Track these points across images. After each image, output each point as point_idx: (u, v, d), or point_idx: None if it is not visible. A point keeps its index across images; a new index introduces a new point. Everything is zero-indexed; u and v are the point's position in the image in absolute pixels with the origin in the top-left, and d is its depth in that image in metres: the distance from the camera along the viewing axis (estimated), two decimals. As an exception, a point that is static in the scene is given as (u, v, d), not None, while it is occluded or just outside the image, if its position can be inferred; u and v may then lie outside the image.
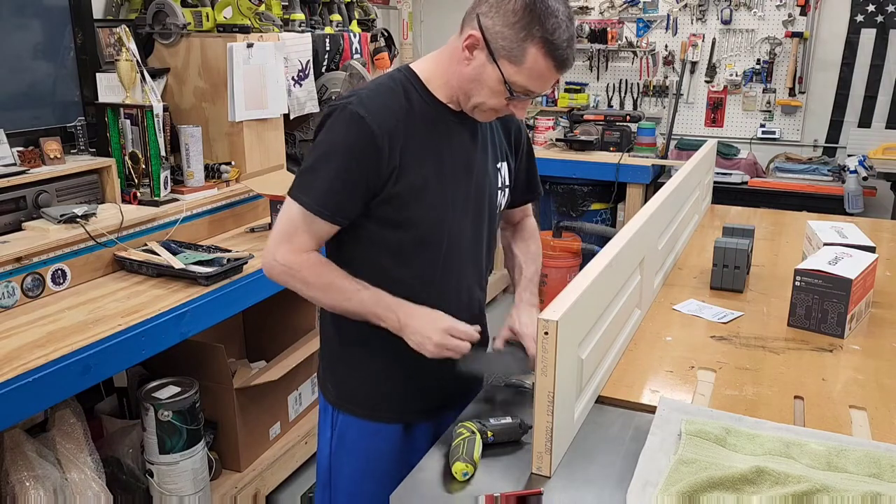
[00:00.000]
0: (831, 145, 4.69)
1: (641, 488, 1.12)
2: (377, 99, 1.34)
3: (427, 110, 1.38)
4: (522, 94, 1.31)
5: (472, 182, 1.44)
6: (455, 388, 1.52)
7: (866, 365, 1.58)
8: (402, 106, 1.35)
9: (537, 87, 1.30)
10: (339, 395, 1.55)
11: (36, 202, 2.22)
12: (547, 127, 4.87)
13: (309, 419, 2.88)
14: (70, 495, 1.90)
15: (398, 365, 1.47)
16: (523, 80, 1.28)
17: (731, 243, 2.01)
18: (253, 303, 2.31)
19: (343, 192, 1.33)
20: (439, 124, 1.39)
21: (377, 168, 1.32)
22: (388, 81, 1.39)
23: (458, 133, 1.41)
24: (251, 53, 2.70)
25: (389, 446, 1.52)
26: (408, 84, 1.38)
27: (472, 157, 1.44)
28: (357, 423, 1.52)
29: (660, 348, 1.66)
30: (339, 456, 1.55)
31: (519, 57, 1.26)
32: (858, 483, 1.10)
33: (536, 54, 1.25)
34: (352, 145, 1.30)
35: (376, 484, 1.50)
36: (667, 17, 4.87)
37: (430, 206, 1.38)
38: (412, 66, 1.42)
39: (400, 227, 1.39)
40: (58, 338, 1.80)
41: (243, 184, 2.72)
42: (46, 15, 2.43)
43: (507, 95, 1.31)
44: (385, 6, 4.89)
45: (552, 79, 1.31)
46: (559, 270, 4.35)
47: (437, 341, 1.35)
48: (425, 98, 1.38)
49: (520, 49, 1.25)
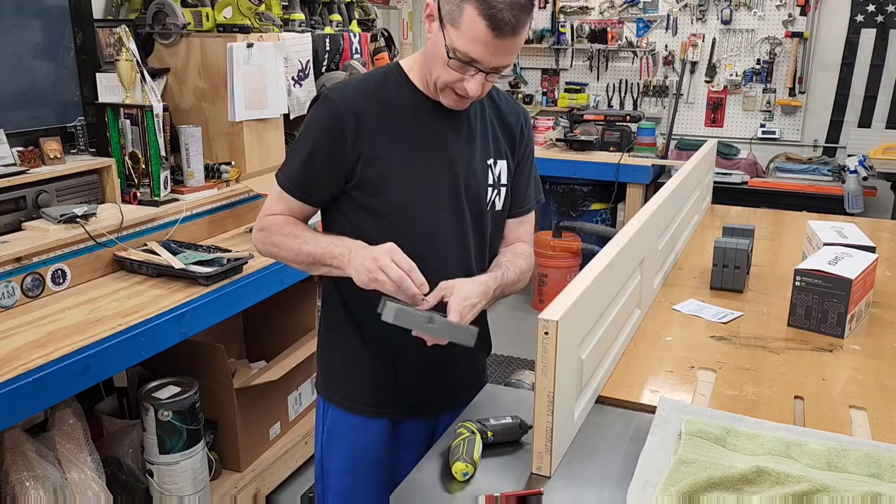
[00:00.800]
0: (831, 145, 4.69)
1: (641, 488, 1.12)
2: (352, 84, 1.42)
3: (403, 97, 1.40)
4: (463, 62, 1.27)
5: (452, 174, 1.42)
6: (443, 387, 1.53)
7: (866, 365, 1.58)
8: (377, 90, 1.40)
9: (478, 53, 1.25)
10: (327, 385, 1.58)
11: (36, 202, 2.22)
12: (547, 127, 4.87)
13: (309, 419, 2.88)
14: (70, 495, 1.90)
15: (381, 359, 1.49)
16: (461, 44, 1.25)
17: (731, 243, 2.01)
18: (253, 303, 2.31)
19: (312, 170, 1.40)
20: (414, 112, 1.40)
21: (342, 147, 1.36)
22: (372, 72, 1.46)
23: (436, 123, 1.41)
24: (251, 53, 2.70)
25: (375, 442, 1.53)
26: (390, 74, 1.43)
27: (454, 149, 1.42)
28: (344, 417, 1.54)
29: (660, 348, 1.66)
30: (328, 450, 1.58)
31: (457, 19, 1.24)
32: (858, 483, 1.10)
33: (471, 13, 1.22)
34: (319, 125, 1.39)
35: (363, 479, 1.53)
36: (667, 17, 4.87)
37: (400, 193, 1.39)
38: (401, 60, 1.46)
39: (373, 214, 1.41)
40: (58, 338, 1.80)
41: (243, 184, 2.72)
42: (46, 15, 2.43)
43: (449, 62, 1.28)
44: (385, 6, 4.89)
45: (492, 44, 1.24)
46: (559, 270, 4.35)
47: (374, 257, 1.27)
48: (403, 85, 1.41)
49: (458, 10, 1.24)
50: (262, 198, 2.77)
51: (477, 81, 1.30)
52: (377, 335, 1.45)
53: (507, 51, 1.27)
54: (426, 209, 1.41)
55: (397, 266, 1.26)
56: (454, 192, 1.43)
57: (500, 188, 1.50)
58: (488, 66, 1.28)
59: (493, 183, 1.48)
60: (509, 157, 1.52)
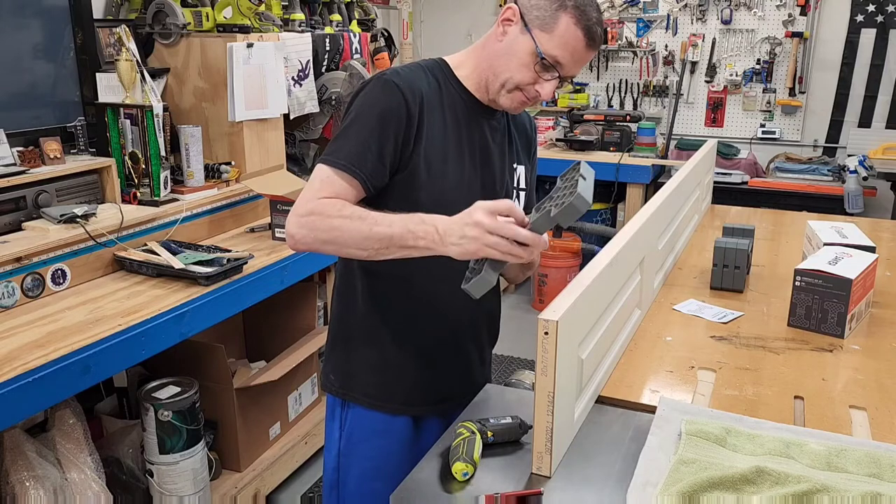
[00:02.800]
0: (831, 145, 4.69)
1: (641, 488, 1.12)
2: (409, 73, 1.39)
3: (453, 94, 1.42)
4: (551, 65, 1.33)
5: (489, 175, 1.46)
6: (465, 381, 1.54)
7: (866, 365, 1.58)
8: (431, 84, 1.40)
9: (566, 59, 1.33)
10: (346, 384, 1.52)
11: (36, 202, 2.22)
12: (547, 127, 4.87)
13: (309, 419, 2.88)
14: (70, 495, 1.90)
15: (410, 353, 1.48)
16: (553, 49, 1.32)
17: (731, 243, 2.01)
18: (253, 303, 2.31)
19: (372, 151, 1.32)
20: (463, 110, 1.42)
21: (407, 131, 1.34)
22: (418, 64, 1.44)
23: (479, 123, 1.44)
24: (251, 53, 2.70)
25: (399, 443, 1.52)
26: (437, 69, 1.43)
27: (492, 151, 1.46)
28: (367, 418, 1.51)
29: (660, 348, 1.66)
30: (347, 455, 1.54)
31: (551, 25, 1.31)
32: (858, 483, 1.10)
33: (568, 22, 1.30)
34: (385, 107, 1.33)
35: (385, 483, 1.49)
36: (667, 17, 4.87)
37: (441, 188, 1.39)
38: (444, 57, 1.47)
39: (411, 206, 1.35)
40: (58, 338, 1.80)
41: (243, 184, 2.72)
42: (46, 15, 2.43)
43: (536, 65, 1.33)
44: (385, 6, 4.89)
45: (580, 53, 1.33)
46: (559, 270, 4.35)
47: (476, 222, 1.16)
48: (452, 83, 1.43)
49: (552, 17, 1.31)
50: (261, 198, 2.77)
51: (552, 85, 1.37)
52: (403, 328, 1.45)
53: (585, 61, 1.37)
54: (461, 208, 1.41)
55: (500, 218, 1.16)
56: (488, 195, 1.43)
57: (520, 192, 1.55)
58: (568, 73, 1.36)
59: (517, 187, 1.53)
60: (526, 161, 1.56)
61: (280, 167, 2.95)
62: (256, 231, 2.69)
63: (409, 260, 1.27)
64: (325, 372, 1.58)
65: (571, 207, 1.14)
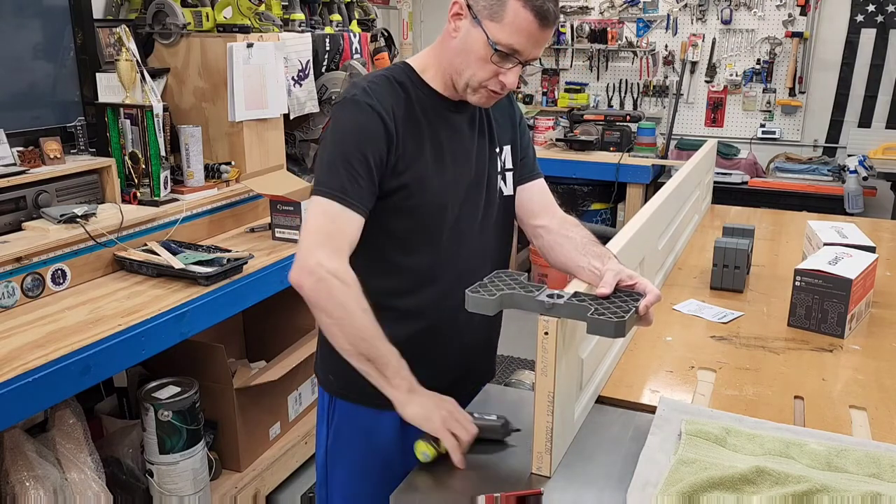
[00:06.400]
0: (831, 145, 4.69)
1: (641, 488, 1.12)
2: (378, 89, 1.37)
3: (423, 99, 1.41)
4: (508, 53, 1.30)
5: (473, 168, 1.46)
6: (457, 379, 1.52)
7: (866, 365, 1.58)
8: (400, 96, 1.38)
9: (521, 44, 1.30)
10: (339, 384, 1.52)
11: (36, 202, 2.22)
12: (547, 127, 4.87)
13: (309, 419, 2.88)
14: (70, 495, 1.90)
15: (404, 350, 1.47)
16: (506, 37, 1.29)
17: (731, 243, 2.01)
18: (253, 303, 2.31)
19: (363, 176, 1.32)
20: (435, 112, 1.41)
21: (388, 149, 1.34)
22: (384, 74, 1.42)
23: (454, 120, 1.44)
24: (251, 53, 2.70)
25: (386, 442, 1.50)
26: (403, 76, 1.42)
27: (471, 142, 1.46)
28: (355, 414, 1.51)
29: (660, 348, 1.66)
30: (334, 453, 1.55)
31: (499, 13, 1.28)
32: (858, 483, 1.10)
33: (516, 7, 1.27)
34: (362, 130, 1.33)
35: (371, 484, 1.50)
36: (667, 17, 4.87)
37: (432, 192, 1.39)
38: (408, 60, 1.46)
39: (405, 215, 1.40)
40: (58, 338, 1.80)
41: (243, 184, 2.72)
42: (46, 15, 2.43)
43: (493, 55, 1.30)
44: (385, 6, 4.89)
45: (536, 35, 1.29)
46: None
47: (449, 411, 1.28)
48: (420, 88, 1.41)
49: (499, 5, 1.28)
50: (261, 198, 2.77)
51: (515, 74, 1.34)
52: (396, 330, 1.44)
53: (544, 41, 1.33)
54: (455, 205, 1.43)
55: None
56: (475, 186, 1.46)
57: (505, 174, 1.54)
58: (528, 57, 1.32)
59: (501, 170, 1.53)
60: (513, 138, 1.55)
61: (280, 167, 2.95)
62: (256, 231, 2.69)
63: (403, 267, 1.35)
64: (315, 366, 1.60)
65: (607, 325, 1.13)
